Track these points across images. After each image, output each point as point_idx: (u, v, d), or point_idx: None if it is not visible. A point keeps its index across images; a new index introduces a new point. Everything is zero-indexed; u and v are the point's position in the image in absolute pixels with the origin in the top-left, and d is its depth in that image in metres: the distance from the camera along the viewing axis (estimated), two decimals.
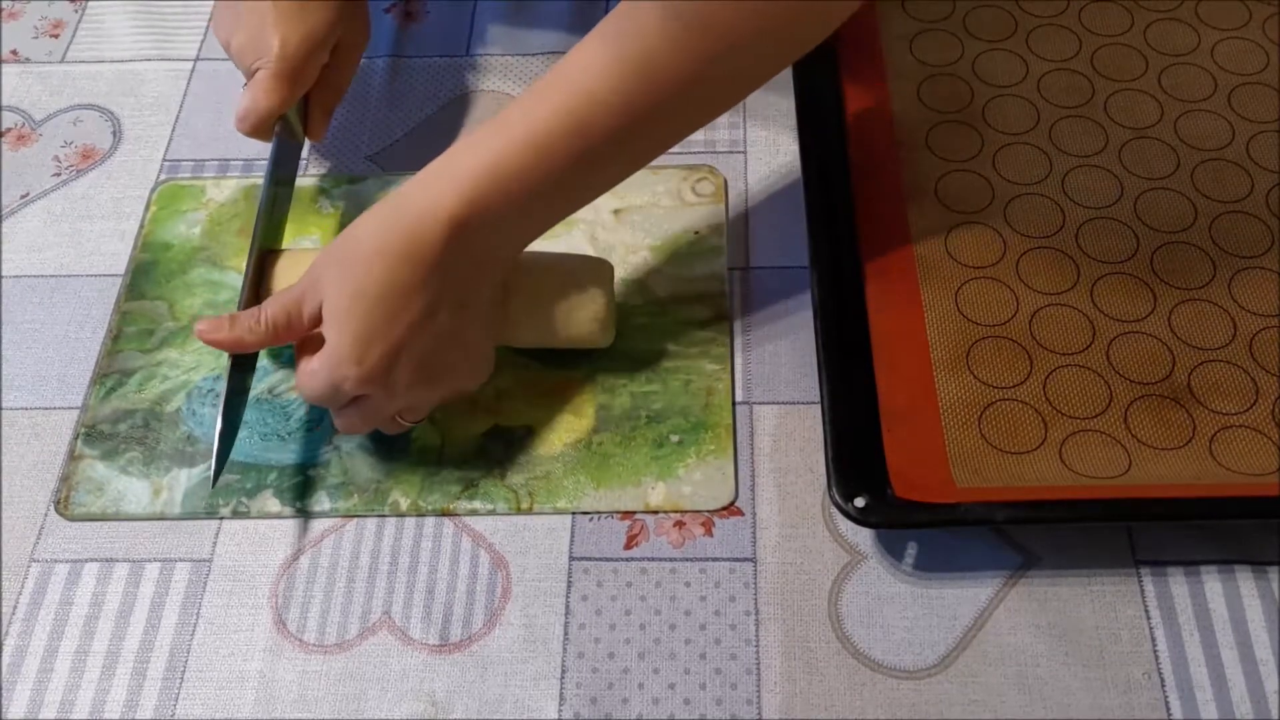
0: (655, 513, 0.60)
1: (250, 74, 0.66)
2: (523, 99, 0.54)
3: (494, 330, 0.59)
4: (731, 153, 0.73)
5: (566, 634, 0.56)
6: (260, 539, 0.60)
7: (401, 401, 0.57)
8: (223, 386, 0.58)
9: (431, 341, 0.55)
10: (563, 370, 0.64)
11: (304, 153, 0.74)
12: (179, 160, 0.75)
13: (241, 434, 0.62)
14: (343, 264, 0.54)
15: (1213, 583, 0.56)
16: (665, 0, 0.51)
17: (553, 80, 0.54)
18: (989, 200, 0.68)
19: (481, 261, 0.55)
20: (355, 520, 0.60)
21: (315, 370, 0.55)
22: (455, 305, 0.55)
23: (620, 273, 0.66)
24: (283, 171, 0.67)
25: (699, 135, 0.74)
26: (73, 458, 0.62)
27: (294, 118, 0.68)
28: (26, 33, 0.83)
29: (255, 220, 0.64)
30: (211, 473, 0.57)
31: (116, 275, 0.70)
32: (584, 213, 0.70)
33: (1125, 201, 0.67)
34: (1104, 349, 0.61)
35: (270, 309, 0.56)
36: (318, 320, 0.55)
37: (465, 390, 0.60)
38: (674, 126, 0.56)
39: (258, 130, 0.66)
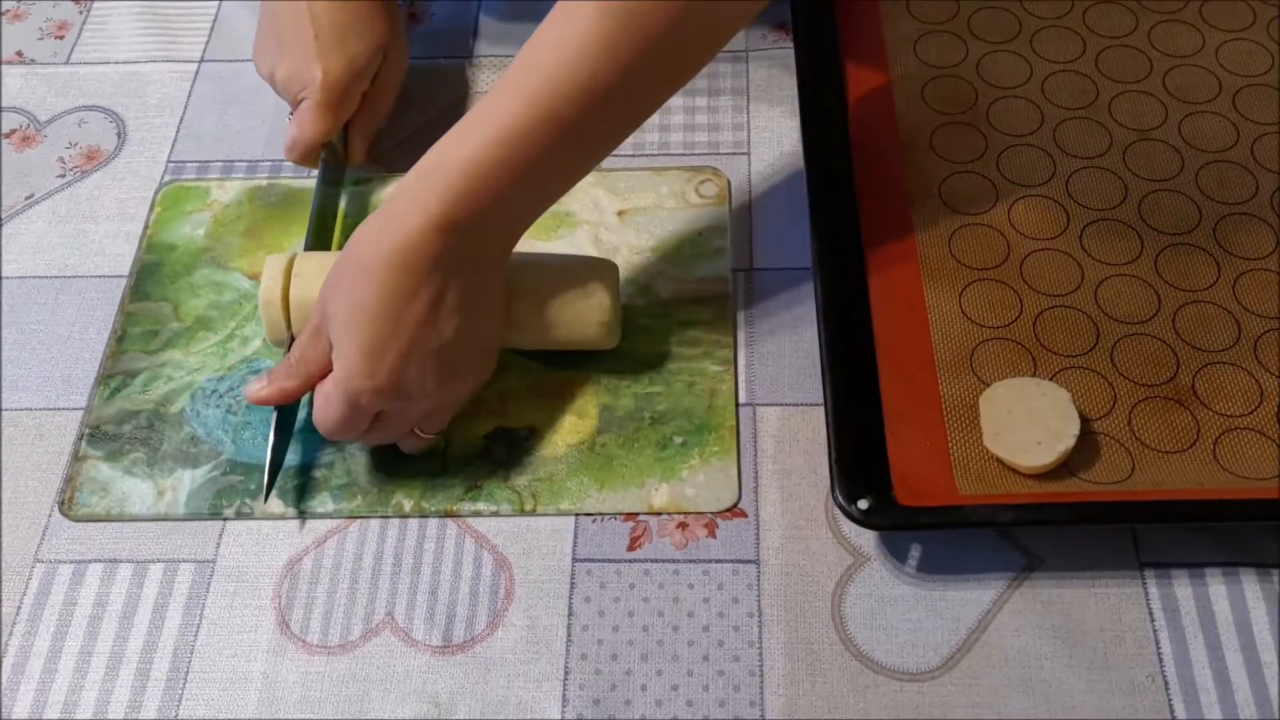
0: (658, 514, 0.59)
1: (295, 104, 0.68)
2: (491, 95, 0.54)
3: (497, 323, 0.59)
4: (735, 154, 0.73)
5: (569, 636, 0.56)
6: (264, 540, 0.60)
7: (419, 409, 0.57)
8: (272, 418, 0.59)
9: (438, 342, 0.55)
10: (566, 371, 0.64)
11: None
12: (183, 162, 0.75)
13: (245, 435, 0.62)
14: (340, 284, 0.55)
15: (1217, 585, 0.56)
16: None
17: (518, 71, 0.54)
18: (993, 202, 0.67)
19: (476, 258, 0.55)
20: (359, 521, 0.60)
21: (329, 394, 0.55)
22: (456, 304, 0.55)
23: (624, 274, 0.66)
24: (328, 198, 0.69)
25: (703, 136, 0.74)
26: (77, 458, 0.62)
27: (337, 142, 0.70)
28: (31, 34, 0.83)
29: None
30: (264, 489, 0.59)
31: (121, 276, 0.70)
32: (588, 214, 0.70)
33: (1129, 203, 0.67)
34: (1108, 351, 0.61)
35: (295, 351, 0.57)
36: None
37: (477, 387, 0.60)
38: (642, 102, 0.57)
39: (305, 158, 0.68)
